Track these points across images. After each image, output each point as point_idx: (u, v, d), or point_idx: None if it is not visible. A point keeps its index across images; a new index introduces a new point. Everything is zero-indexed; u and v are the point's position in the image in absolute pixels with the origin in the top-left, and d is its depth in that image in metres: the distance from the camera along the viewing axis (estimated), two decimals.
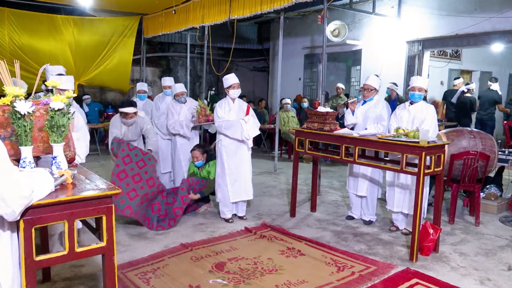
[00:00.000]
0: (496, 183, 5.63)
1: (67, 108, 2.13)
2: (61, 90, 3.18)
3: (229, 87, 4.67)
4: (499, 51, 10.42)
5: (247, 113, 4.69)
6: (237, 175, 4.73)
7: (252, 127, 4.66)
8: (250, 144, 4.73)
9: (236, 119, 4.63)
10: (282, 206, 5.44)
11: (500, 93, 8.91)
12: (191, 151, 5.11)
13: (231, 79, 4.69)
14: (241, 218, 4.89)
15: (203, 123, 5.34)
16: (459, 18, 7.76)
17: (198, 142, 5.68)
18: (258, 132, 4.79)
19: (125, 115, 4.95)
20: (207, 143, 9.59)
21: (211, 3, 7.70)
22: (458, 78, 9.25)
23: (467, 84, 8.82)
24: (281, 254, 3.83)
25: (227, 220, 4.79)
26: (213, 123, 5.38)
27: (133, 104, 5.00)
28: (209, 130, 5.59)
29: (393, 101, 7.69)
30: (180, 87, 5.47)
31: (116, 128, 5.07)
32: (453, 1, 7.96)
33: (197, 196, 4.80)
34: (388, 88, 8.06)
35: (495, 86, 8.91)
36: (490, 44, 7.98)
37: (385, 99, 8.24)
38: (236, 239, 4.22)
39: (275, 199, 5.82)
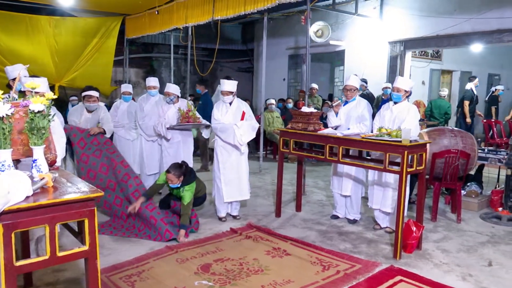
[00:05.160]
0: (477, 181, 5.75)
1: (48, 110, 2.09)
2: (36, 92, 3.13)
3: (220, 92, 4.75)
4: (479, 51, 10.65)
5: (242, 119, 4.69)
6: (232, 176, 4.75)
7: (246, 132, 4.65)
8: (243, 149, 4.71)
9: (230, 123, 4.63)
10: (268, 207, 5.45)
11: (475, 92, 9.15)
12: (166, 172, 4.31)
13: (222, 85, 4.71)
14: (234, 217, 4.90)
15: (184, 124, 5.25)
16: (440, 19, 7.90)
17: (191, 145, 5.58)
18: (253, 136, 4.79)
19: (88, 98, 5.09)
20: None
21: (195, 4, 7.66)
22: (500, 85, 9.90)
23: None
24: (266, 254, 3.83)
25: (220, 219, 4.83)
26: (195, 125, 5.32)
27: (96, 89, 5.23)
28: (203, 135, 5.51)
29: (386, 101, 7.73)
30: (173, 88, 5.35)
31: (76, 117, 5.19)
32: (434, 3, 8.10)
33: (183, 232, 4.19)
34: (387, 88, 8.06)
35: (469, 85, 9.16)
36: (469, 45, 8.15)
37: (378, 98, 8.33)
38: (221, 240, 4.21)
39: (260, 199, 5.82)
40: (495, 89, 9.86)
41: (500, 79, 12.65)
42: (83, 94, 5.15)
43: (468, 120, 9.01)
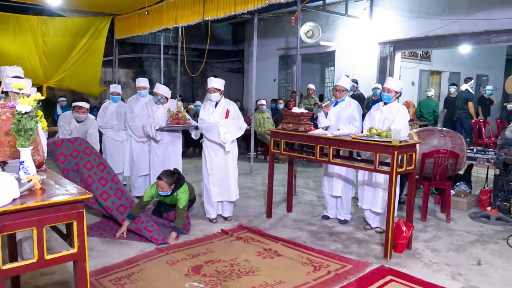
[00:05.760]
0: (466, 181, 5.81)
1: (35, 111, 2.07)
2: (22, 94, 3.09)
3: (207, 90, 4.72)
4: (467, 52, 10.80)
5: (226, 117, 4.68)
6: (220, 175, 4.74)
7: (230, 130, 4.64)
8: (228, 148, 4.69)
9: (215, 122, 4.63)
10: (259, 207, 5.45)
11: (472, 92, 9.35)
12: (157, 179, 4.26)
13: (208, 83, 4.71)
14: (225, 219, 4.89)
15: (174, 126, 5.20)
16: (429, 20, 7.98)
17: (180, 146, 5.54)
18: (238, 135, 4.79)
19: (78, 108, 5.32)
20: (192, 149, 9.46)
21: (185, 4, 7.64)
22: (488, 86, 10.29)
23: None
24: (257, 255, 3.84)
25: (211, 220, 4.80)
26: (184, 126, 5.29)
27: (87, 101, 5.42)
28: (192, 136, 5.47)
29: (376, 101, 7.79)
30: (161, 90, 5.30)
31: (66, 123, 5.37)
32: (423, 4, 8.18)
33: (174, 235, 4.16)
34: (376, 88, 8.13)
35: (464, 87, 9.34)
36: (458, 46, 8.25)
37: (368, 99, 8.40)
38: (212, 241, 4.20)
39: (251, 200, 5.82)
40: (485, 90, 10.02)
41: (488, 80, 12.82)
42: (74, 104, 5.33)
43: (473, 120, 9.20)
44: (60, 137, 5.31)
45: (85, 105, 5.39)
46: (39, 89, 9.02)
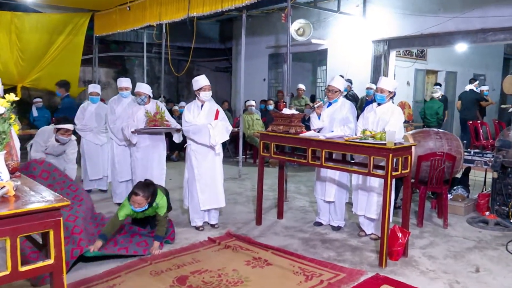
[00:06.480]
0: (463, 184, 5.87)
1: (8, 113, 2.04)
2: None
3: (200, 89, 4.65)
4: (463, 51, 10.96)
5: (216, 118, 4.67)
6: (208, 181, 4.71)
7: (220, 132, 4.64)
8: (218, 150, 4.70)
9: (203, 124, 4.61)
10: (248, 214, 5.44)
11: (478, 92, 9.57)
12: (132, 195, 3.92)
13: (201, 80, 4.68)
14: (213, 226, 4.86)
15: (151, 128, 5.12)
16: (423, 18, 8.09)
17: (163, 150, 5.48)
18: (227, 138, 4.78)
19: (64, 131, 5.08)
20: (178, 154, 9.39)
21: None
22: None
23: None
24: (246, 265, 3.82)
25: (197, 228, 4.77)
26: (164, 128, 5.23)
27: (71, 121, 5.28)
28: (174, 139, 5.41)
29: (370, 102, 7.86)
30: (144, 88, 5.25)
31: (42, 140, 5.16)
32: (417, 1, 8.29)
33: (157, 244, 4.07)
34: (370, 88, 8.20)
35: (468, 87, 9.54)
36: (454, 44, 8.38)
37: (362, 99, 8.47)
38: (199, 250, 4.17)
39: (240, 206, 5.81)
40: (480, 90, 10.18)
41: (486, 79, 13.03)
42: (59, 126, 5.07)
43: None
44: (33, 150, 5.16)
45: (71, 127, 5.19)
46: (13, 90, 8.92)
